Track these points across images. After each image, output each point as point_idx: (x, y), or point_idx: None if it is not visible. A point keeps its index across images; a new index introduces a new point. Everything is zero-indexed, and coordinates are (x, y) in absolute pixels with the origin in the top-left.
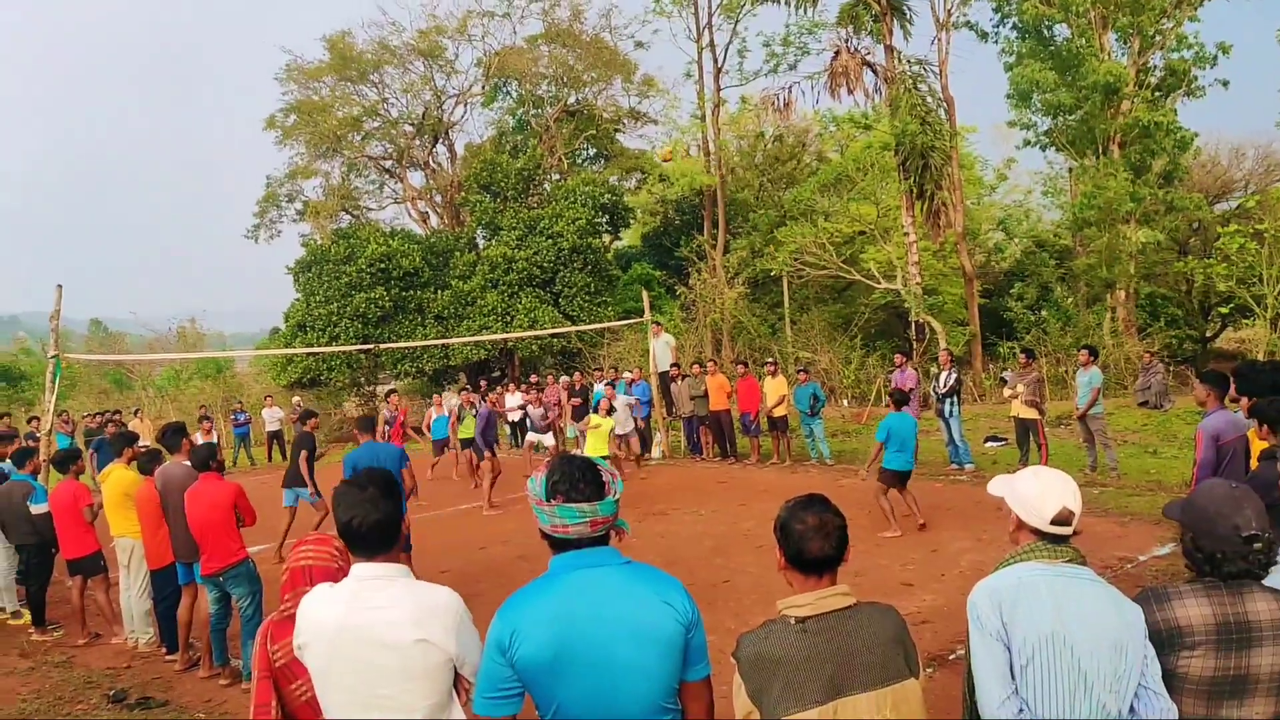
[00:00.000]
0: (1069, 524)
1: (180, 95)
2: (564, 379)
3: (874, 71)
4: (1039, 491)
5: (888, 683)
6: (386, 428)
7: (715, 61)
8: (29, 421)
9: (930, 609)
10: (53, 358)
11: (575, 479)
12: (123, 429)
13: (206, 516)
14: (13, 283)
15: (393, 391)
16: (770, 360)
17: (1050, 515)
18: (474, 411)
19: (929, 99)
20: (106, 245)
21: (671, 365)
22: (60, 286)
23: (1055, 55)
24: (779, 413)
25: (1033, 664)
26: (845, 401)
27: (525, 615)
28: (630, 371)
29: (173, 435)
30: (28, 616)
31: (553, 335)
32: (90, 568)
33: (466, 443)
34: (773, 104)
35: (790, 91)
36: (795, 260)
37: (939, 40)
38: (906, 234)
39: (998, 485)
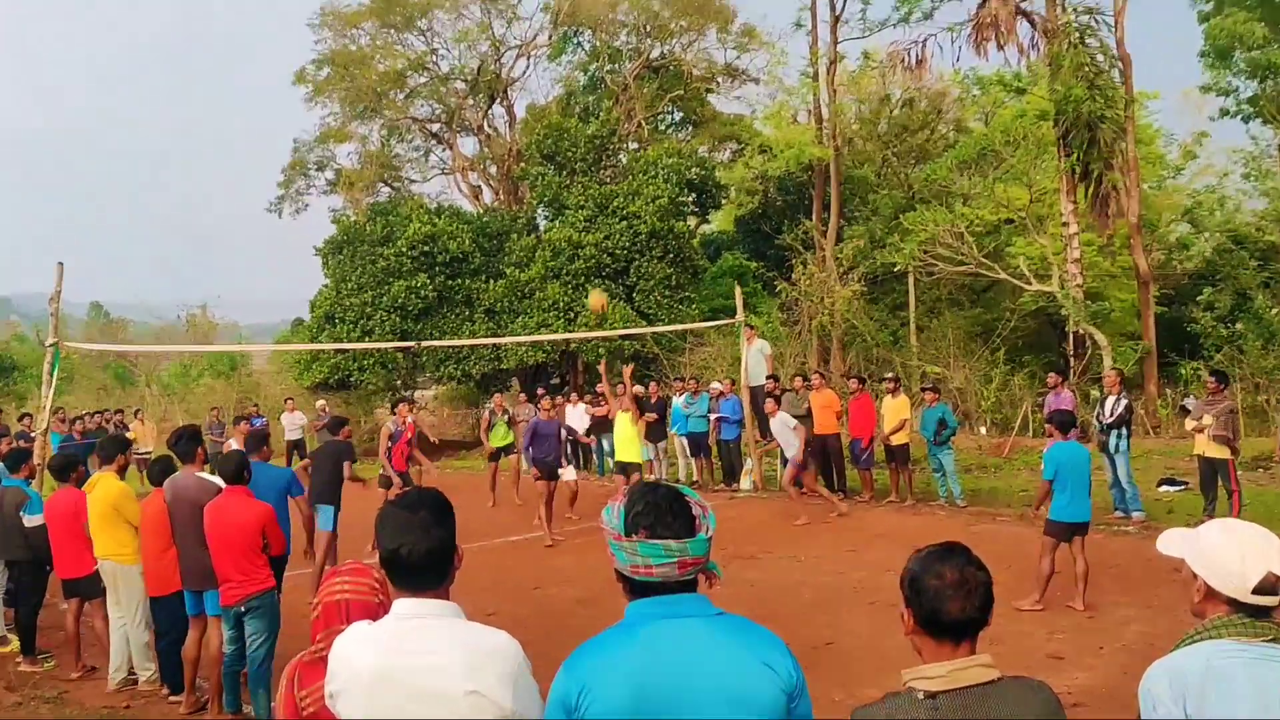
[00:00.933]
0: (1276, 593)
1: (196, 42)
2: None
3: (1030, 22)
4: (1235, 552)
5: None
6: (390, 444)
7: (833, 8)
8: (20, 419)
9: (1084, 689)
10: (51, 346)
11: (662, 511)
12: (120, 431)
13: (230, 538)
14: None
15: (403, 400)
16: (890, 375)
17: (1253, 582)
18: (505, 417)
19: (1099, 57)
20: (108, 220)
21: (768, 378)
22: (61, 265)
23: (1266, 2)
24: (899, 440)
25: None
26: (983, 429)
27: (597, 670)
28: (718, 382)
29: (187, 441)
30: (15, 643)
31: (624, 337)
32: (89, 590)
33: (495, 454)
34: (902, 61)
35: (925, 46)
36: (924, 253)
37: None
38: (1066, 224)
39: (1175, 542)
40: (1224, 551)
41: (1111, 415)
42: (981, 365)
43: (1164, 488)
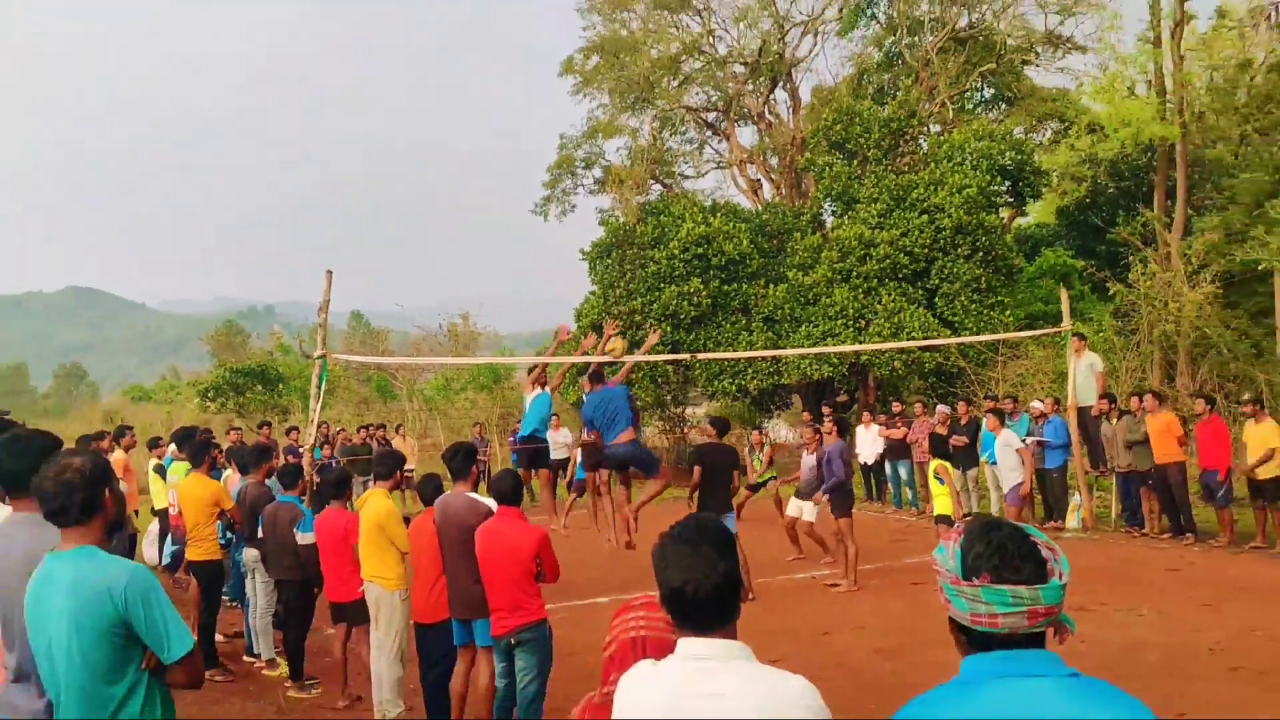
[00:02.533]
0: None
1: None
2: (940, 410)
3: None
4: None
5: None
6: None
7: None
8: (287, 433)
9: None
10: (319, 357)
11: (1008, 553)
12: (386, 446)
13: (502, 563)
14: (271, 270)
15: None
16: (1251, 396)
17: None
18: (760, 450)
19: None
20: (371, 226)
21: (1101, 397)
22: (330, 273)
23: None
24: (1266, 474)
25: None
26: None
27: None
28: (1039, 401)
29: (463, 459)
30: (284, 668)
31: (924, 348)
32: (356, 615)
33: (755, 487)
34: (1268, 17)
35: None
36: None
37: None
38: None
39: None
40: None
41: None
42: None
43: None
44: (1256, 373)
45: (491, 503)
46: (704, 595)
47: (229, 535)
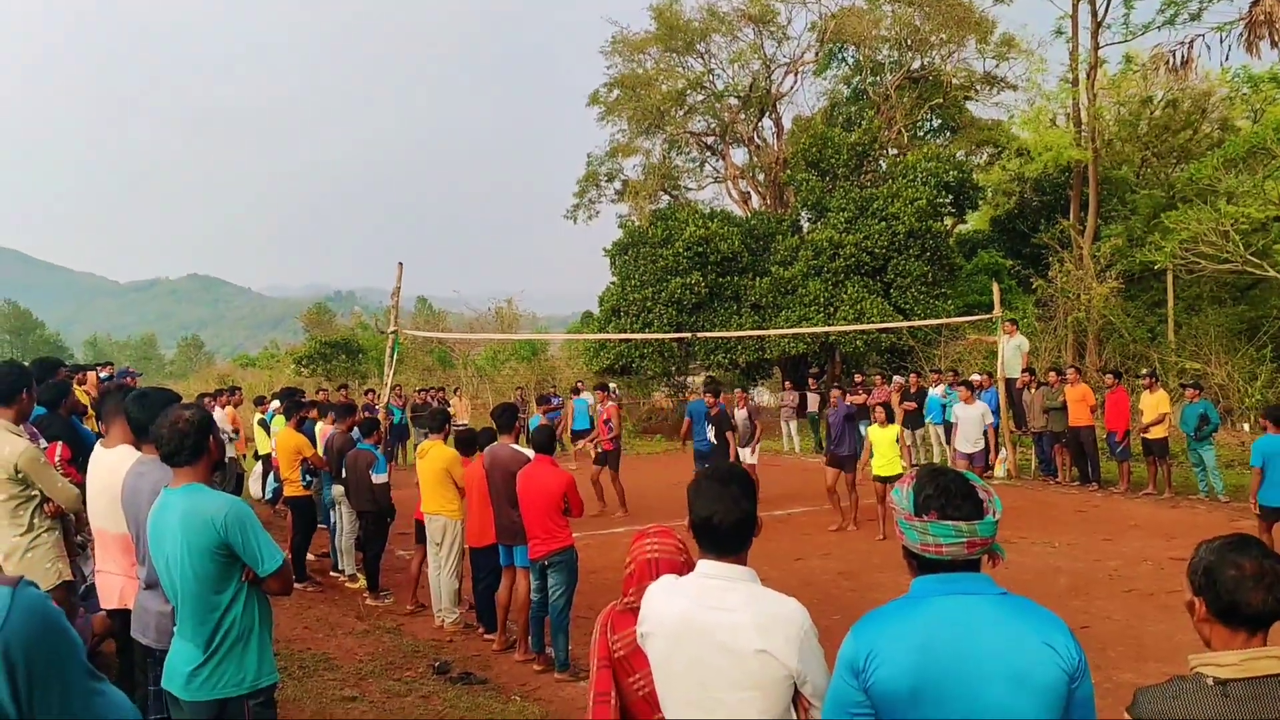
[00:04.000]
0: None
1: (509, 76)
2: (896, 379)
3: None
4: None
5: None
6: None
7: (1094, 14)
8: (365, 394)
9: None
10: (392, 333)
11: (951, 494)
12: (443, 406)
13: (536, 501)
14: (352, 261)
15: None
16: (1147, 371)
17: None
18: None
19: None
20: (434, 224)
21: (1023, 371)
22: (401, 264)
23: None
24: (1157, 434)
25: None
26: (1246, 426)
27: (885, 637)
28: (978, 375)
29: (507, 415)
30: (363, 581)
31: (881, 330)
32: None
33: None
34: (1166, 62)
35: (1191, 46)
36: (1185, 251)
37: None
38: None
39: None
40: None
41: None
42: (1245, 363)
43: None
44: (1151, 353)
45: (530, 452)
46: (726, 526)
47: (309, 478)
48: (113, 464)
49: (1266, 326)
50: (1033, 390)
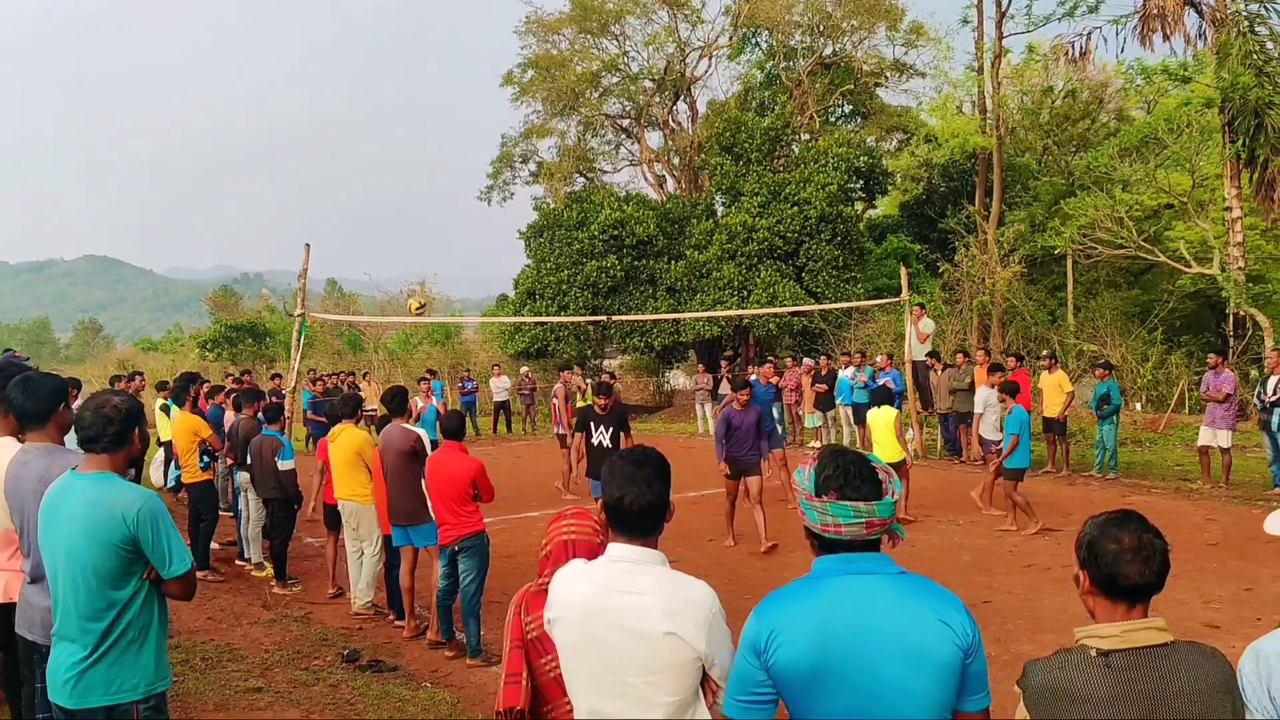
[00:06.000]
0: None
1: (419, 54)
2: (806, 362)
3: (1199, 12)
4: None
5: None
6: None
7: (999, 4)
8: (271, 379)
9: (1238, 658)
10: (298, 316)
11: (850, 474)
12: (354, 391)
13: (445, 487)
14: (261, 243)
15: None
16: (1047, 353)
17: None
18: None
19: (1269, 45)
20: (345, 207)
21: (928, 354)
22: (308, 246)
23: None
24: (1053, 412)
25: None
26: (1138, 405)
27: (785, 617)
28: (880, 357)
29: (399, 398)
30: (270, 569)
31: (793, 314)
32: (337, 523)
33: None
34: (1066, 53)
35: (1089, 39)
36: (1084, 237)
37: None
38: (1228, 209)
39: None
40: None
41: (1274, 394)
42: (1138, 344)
43: None
44: (1051, 335)
45: (421, 431)
46: (637, 508)
47: (205, 459)
48: None
49: (1157, 310)
50: (938, 372)
